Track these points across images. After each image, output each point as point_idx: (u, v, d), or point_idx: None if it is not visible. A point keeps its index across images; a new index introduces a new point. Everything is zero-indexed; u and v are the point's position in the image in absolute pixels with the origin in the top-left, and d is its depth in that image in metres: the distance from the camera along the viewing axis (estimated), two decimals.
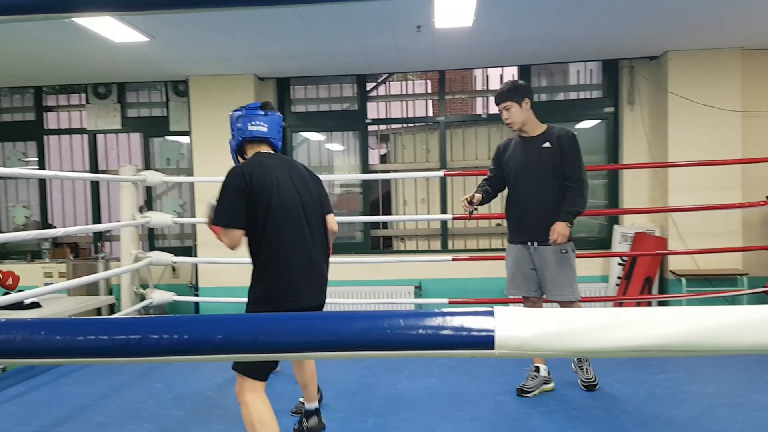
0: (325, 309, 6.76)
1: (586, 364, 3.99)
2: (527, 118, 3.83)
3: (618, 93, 6.38)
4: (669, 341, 0.86)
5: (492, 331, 0.87)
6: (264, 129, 2.86)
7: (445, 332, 0.89)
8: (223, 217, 2.69)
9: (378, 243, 7.02)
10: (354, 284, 6.34)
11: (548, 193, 3.74)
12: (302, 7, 4.36)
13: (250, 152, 2.92)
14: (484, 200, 3.95)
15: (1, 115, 7.09)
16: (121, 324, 0.89)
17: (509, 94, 3.78)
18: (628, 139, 6.30)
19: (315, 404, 3.29)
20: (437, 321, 0.90)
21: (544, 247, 3.75)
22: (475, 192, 3.94)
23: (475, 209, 3.91)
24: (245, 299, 6.43)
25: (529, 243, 3.83)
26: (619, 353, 0.87)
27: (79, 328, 0.89)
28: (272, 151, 2.91)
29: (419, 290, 6.38)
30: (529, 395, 3.84)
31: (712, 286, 5.78)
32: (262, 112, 2.88)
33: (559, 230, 3.61)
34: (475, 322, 0.89)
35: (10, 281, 5.47)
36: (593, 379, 3.95)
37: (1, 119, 7.08)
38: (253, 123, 2.85)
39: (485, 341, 0.87)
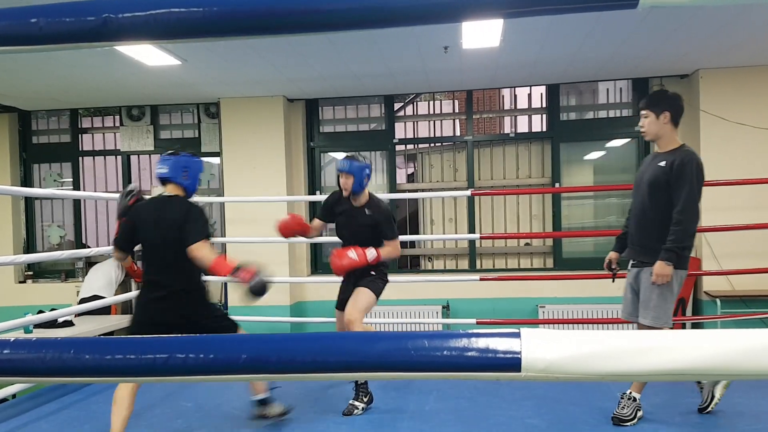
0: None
1: (624, 400, 3.66)
2: (662, 131, 3.57)
3: None
4: (702, 365, 0.84)
5: (518, 353, 0.86)
6: (164, 171, 3.37)
7: (470, 354, 0.88)
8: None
9: (405, 262, 7.00)
10: (380, 304, 6.25)
11: (647, 214, 3.58)
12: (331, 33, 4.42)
13: None
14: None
15: (39, 137, 7.29)
16: (148, 343, 0.90)
17: (648, 102, 3.60)
18: None
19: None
20: (462, 342, 0.89)
21: (638, 268, 3.63)
22: (612, 249, 3.94)
23: (617, 269, 3.91)
24: (274, 318, 6.44)
25: (630, 261, 3.75)
26: (651, 377, 0.85)
27: (107, 347, 0.90)
28: (171, 193, 3.41)
29: (447, 310, 6.34)
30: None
31: (748, 308, 5.62)
32: (165, 156, 3.42)
33: (657, 271, 3.43)
34: (501, 344, 0.88)
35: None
36: (628, 416, 3.61)
37: (38, 141, 7.28)
38: (157, 166, 3.41)
39: (512, 363, 0.86)
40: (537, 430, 3.63)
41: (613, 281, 4.00)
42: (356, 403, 4.06)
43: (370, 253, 3.95)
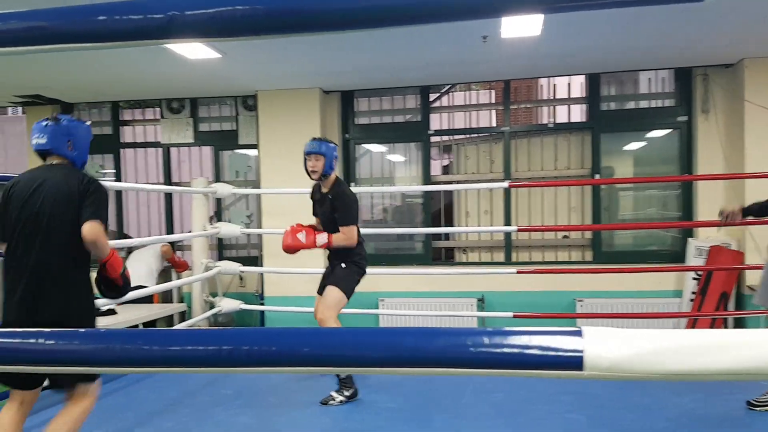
0: (383, 319, 6.66)
1: None
2: None
3: (691, 102, 6.16)
4: None
5: (581, 351, 0.85)
6: (42, 141, 2.75)
7: (531, 351, 0.88)
8: None
9: (439, 255, 6.98)
10: (414, 296, 6.33)
11: None
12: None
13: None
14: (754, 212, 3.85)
15: None
16: (213, 335, 0.92)
17: None
18: (702, 149, 6.06)
19: None
20: (523, 340, 0.89)
21: None
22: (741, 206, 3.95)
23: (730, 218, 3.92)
24: (308, 309, 6.46)
25: None
26: (718, 375, 0.83)
27: (173, 338, 0.92)
28: (57, 162, 2.79)
29: (482, 303, 6.31)
30: (756, 409, 3.71)
31: None
32: (44, 123, 2.76)
33: None
34: (562, 342, 0.87)
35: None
36: None
37: None
38: (33, 137, 2.77)
39: (573, 362, 0.85)
40: (577, 424, 3.60)
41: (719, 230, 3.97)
42: (335, 395, 4.04)
43: (321, 237, 3.95)
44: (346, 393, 4.05)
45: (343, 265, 4.11)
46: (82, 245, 2.69)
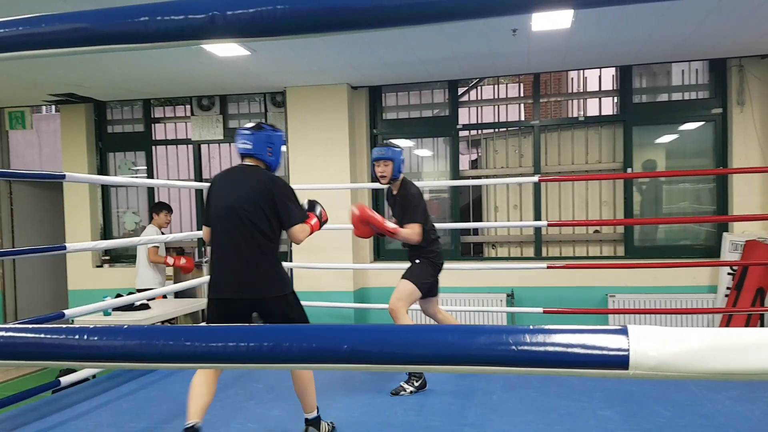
0: (412, 315, 6.64)
1: None
2: None
3: (726, 93, 6.03)
4: None
5: (626, 350, 0.84)
6: (248, 146, 3.26)
7: (574, 350, 0.86)
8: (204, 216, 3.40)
9: (468, 249, 6.95)
10: (443, 291, 6.24)
11: None
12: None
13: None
14: None
15: (113, 127, 7.58)
16: (254, 332, 0.93)
17: None
18: (738, 142, 5.93)
19: (311, 414, 3.36)
20: (566, 338, 0.88)
21: None
22: None
23: None
24: (339, 304, 6.50)
25: None
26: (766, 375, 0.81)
27: (214, 335, 0.93)
28: (252, 164, 3.29)
29: (511, 299, 6.27)
30: None
31: None
32: (249, 131, 3.27)
33: None
34: (606, 340, 0.86)
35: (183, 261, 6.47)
36: None
37: (113, 130, 7.58)
38: (239, 141, 3.29)
39: (619, 361, 0.84)
40: (610, 422, 3.55)
41: None
42: (405, 385, 4.14)
43: (391, 223, 4.05)
44: (416, 383, 4.15)
45: (417, 261, 4.23)
46: (276, 234, 3.24)
